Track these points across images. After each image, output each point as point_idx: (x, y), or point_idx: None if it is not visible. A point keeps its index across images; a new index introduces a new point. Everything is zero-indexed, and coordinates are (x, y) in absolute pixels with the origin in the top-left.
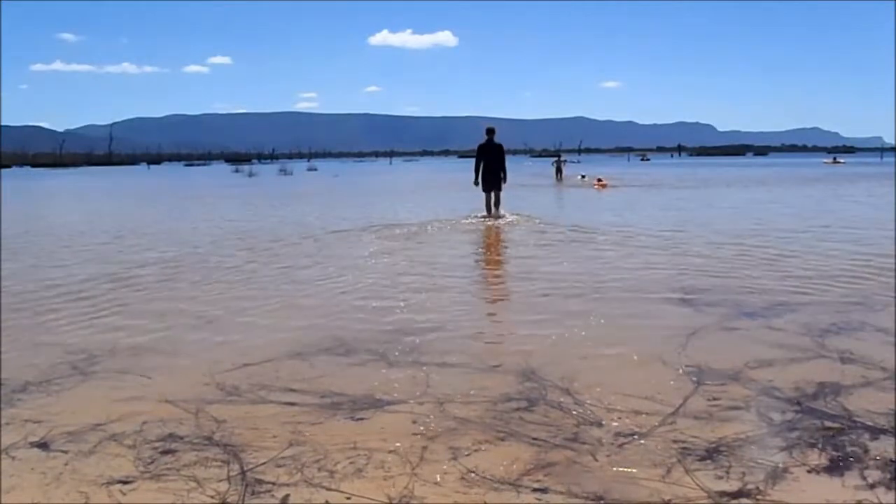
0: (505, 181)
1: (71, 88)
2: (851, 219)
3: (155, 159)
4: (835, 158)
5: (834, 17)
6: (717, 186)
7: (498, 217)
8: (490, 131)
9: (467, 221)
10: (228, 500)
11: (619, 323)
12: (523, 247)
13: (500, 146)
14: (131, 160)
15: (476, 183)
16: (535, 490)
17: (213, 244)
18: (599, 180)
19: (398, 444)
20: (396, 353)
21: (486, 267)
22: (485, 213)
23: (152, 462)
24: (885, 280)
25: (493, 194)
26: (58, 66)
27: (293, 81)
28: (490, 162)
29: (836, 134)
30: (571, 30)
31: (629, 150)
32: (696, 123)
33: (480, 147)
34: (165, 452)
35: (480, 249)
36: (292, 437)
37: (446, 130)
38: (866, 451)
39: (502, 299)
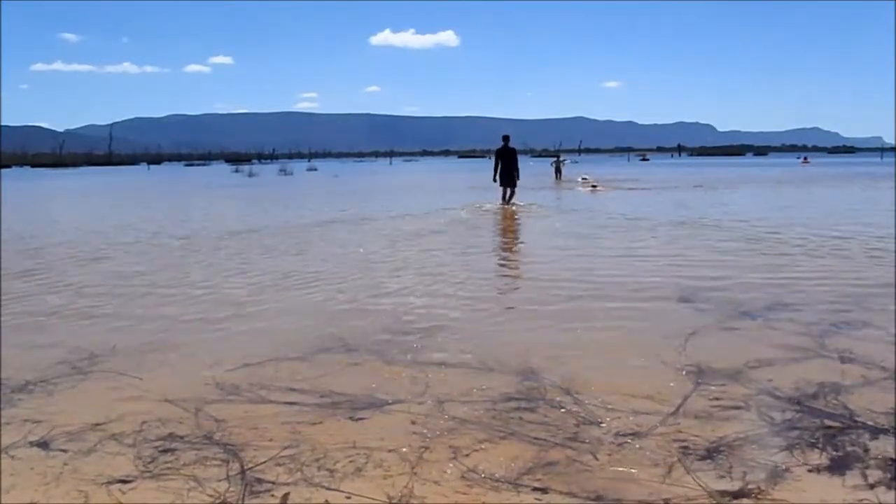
0: (518, 178)
1: (71, 88)
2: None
3: (155, 159)
4: (805, 158)
5: (834, 17)
6: (710, 188)
7: (511, 204)
8: (506, 138)
9: (483, 210)
10: (228, 500)
11: (619, 322)
12: (527, 241)
13: (513, 150)
14: (131, 160)
15: (494, 179)
16: (535, 489)
17: (211, 246)
18: (594, 186)
19: (398, 444)
20: (396, 353)
21: (486, 262)
22: (500, 203)
23: (152, 461)
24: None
25: (508, 189)
26: (58, 66)
27: (293, 81)
28: (506, 163)
29: (836, 134)
30: (572, 30)
31: (629, 150)
32: (696, 123)
33: (498, 151)
34: (165, 452)
35: (481, 241)
36: (292, 436)
37: (447, 130)
38: (867, 450)
39: (503, 298)
